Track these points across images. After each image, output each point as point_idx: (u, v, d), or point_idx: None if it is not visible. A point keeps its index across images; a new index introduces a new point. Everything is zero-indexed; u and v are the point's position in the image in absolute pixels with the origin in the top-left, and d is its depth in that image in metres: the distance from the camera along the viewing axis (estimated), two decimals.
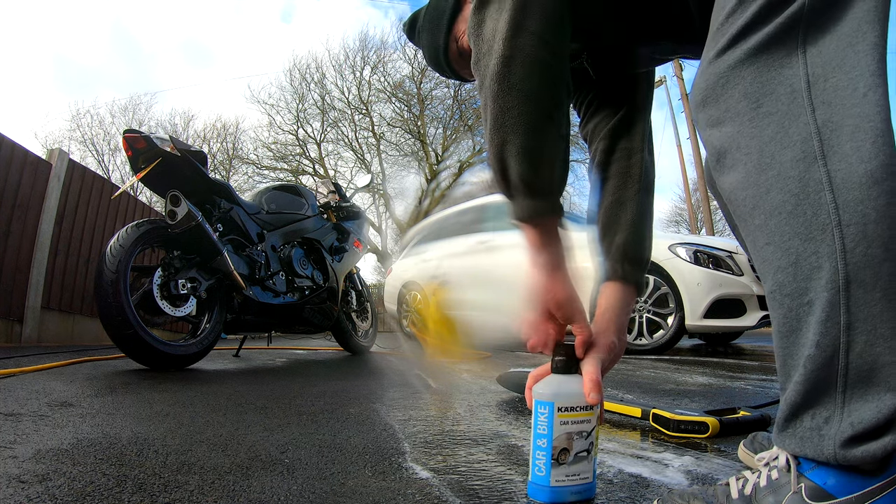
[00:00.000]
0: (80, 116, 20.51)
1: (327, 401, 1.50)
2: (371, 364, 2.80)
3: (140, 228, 2.14)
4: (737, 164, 0.56)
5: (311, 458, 0.91)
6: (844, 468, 0.52)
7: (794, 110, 0.53)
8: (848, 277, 0.49)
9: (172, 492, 0.72)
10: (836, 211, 0.50)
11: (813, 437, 0.53)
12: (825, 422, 0.52)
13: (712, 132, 0.59)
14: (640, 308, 3.51)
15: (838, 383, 0.51)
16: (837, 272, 0.50)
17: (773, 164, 0.53)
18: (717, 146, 0.59)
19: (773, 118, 0.54)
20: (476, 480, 0.80)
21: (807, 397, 0.53)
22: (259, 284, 2.58)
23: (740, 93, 0.56)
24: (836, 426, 0.51)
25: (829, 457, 0.51)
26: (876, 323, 0.49)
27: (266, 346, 3.91)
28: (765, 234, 0.54)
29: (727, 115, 0.57)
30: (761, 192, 0.54)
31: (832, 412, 0.52)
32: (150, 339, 2.03)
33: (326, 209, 3.37)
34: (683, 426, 1.09)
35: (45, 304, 4.37)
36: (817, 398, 0.52)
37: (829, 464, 0.52)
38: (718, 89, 0.57)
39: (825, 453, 0.51)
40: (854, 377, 0.50)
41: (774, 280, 0.54)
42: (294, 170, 18.04)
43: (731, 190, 0.58)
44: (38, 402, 1.35)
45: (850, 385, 0.50)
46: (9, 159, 3.96)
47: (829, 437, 0.51)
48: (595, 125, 0.97)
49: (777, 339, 0.56)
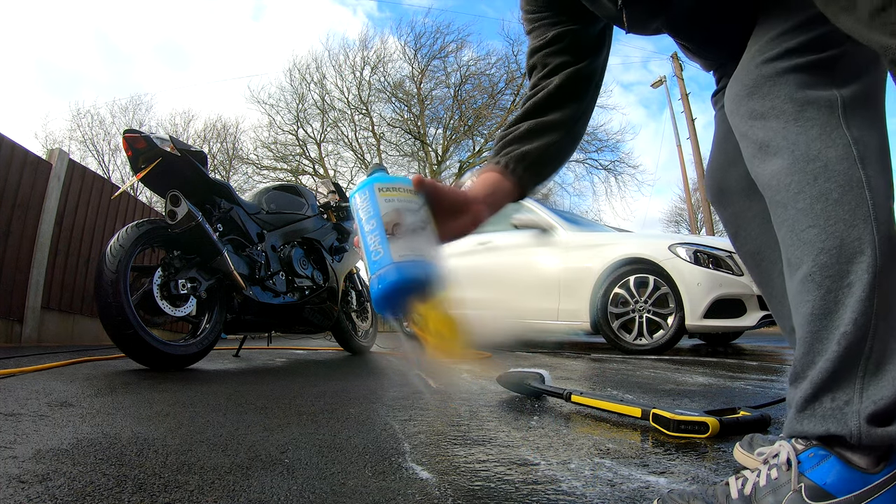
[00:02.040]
0: (81, 116, 20.51)
1: (327, 401, 1.50)
2: (371, 364, 2.80)
3: (140, 228, 2.14)
4: (782, 151, 0.62)
5: (311, 458, 0.91)
6: (845, 462, 0.54)
7: (832, 122, 0.60)
8: (882, 268, 0.55)
9: (172, 492, 0.72)
10: (874, 209, 0.56)
11: (836, 415, 0.55)
12: (846, 403, 0.55)
13: (755, 123, 0.65)
14: (640, 308, 3.51)
15: (860, 366, 0.55)
16: (877, 260, 0.55)
17: (820, 157, 0.59)
18: (761, 137, 0.64)
19: (815, 122, 0.61)
20: (476, 480, 0.80)
21: (833, 377, 0.56)
22: (259, 284, 2.58)
23: (786, 95, 0.62)
24: (857, 405, 0.54)
25: (854, 430, 0.53)
26: (894, 311, 0.55)
27: (266, 346, 3.91)
28: (809, 217, 0.59)
29: (773, 111, 0.63)
30: (808, 178, 0.59)
31: (851, 395, 0.55)
32: (150, 339, 2.03)
33: (326, 209, 3.37)
34: (683, 426, 1.09)
35: (45, 304, 4.37)
36: (840, 380, 0.55)
37: (850, 440, 0.54)
38: (766, 88, 0.64)
39: (849, 426, 0.54)
40: (874, 362, 0.54)
41: (815, 262, 0.58)
42: (294, 170, 18.04)
43: (773, 175, 0.63)
44: (38, 402, 1.35)
45: (870, 370, 0.54)
46: (9, 159, 3.96)
47: (853, 414, 0.54)
48: (557, 49, 0.85)
49: (808, 322, 0.58)
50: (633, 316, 3.54)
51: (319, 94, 17.98)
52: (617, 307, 3.60)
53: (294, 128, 18.10)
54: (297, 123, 18.03)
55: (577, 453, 0.96)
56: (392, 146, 18.22)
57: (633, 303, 3.54)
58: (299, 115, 18.01)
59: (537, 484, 0.79)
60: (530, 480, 0.81)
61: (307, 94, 18.01)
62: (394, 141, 18.22)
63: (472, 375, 2.17)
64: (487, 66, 17.36)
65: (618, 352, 3.57)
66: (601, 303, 3.66)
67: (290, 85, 18.19)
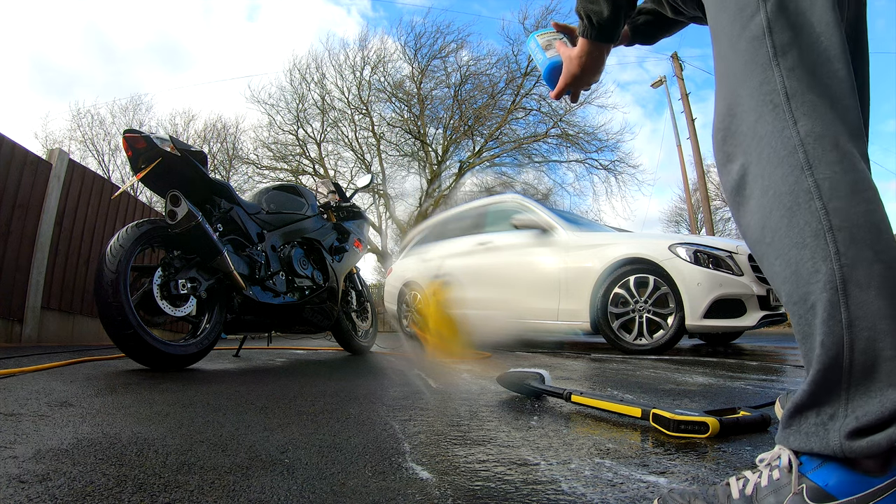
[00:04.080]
0: (81, 116, 20.47)
1: (327, 401, 1.50)
2: (371, 364, 2.80)
3: (140, 228, 2.14)
4: (751, 196, 0.60)
5: (311, 458, 0.91)
6: (847, 466, 0.52)
7: (778, 126, 0.57)
8: (844, 277, 0.52)
9: (172, 492, 0.72)
10: (827, 216, 0.53)
11: (818, 432, 0.53)
12: (830, 418, 0.53)
13: (729, 167, 0.63)
14: (640, 308, 3.51)
15: (843, 381, 0.52)
16: (834, 273, 0.52)
17: (771, 185, 0.57)
18: (735, 180, 0.62)
19: (766, 139, 0.58)
20: (476, 480, 0.80)
21: (813, 398, 0.54)
22: (259, 284, 2.58)
23: (747, 126, 0.60)
24: (841, 421, 0.52)
25: (835, 449, 0.52)
26: (875, 320, 0.51)
27: (266, 346, 3.91)
28: (773, 251, 0.57)
29: (737, 148, 0.61)
30: (765, 214, 0.58)
31: (836, 409, 0.53)
32: (150, 339, 2.03)
33: (326, 209, 3.37)
34: (683, 426, 1.09)
35: (45, 304, 4.37)
36: (823, 397, 0.53)
37: (834, 457, 0.52)
38: (732, 126, 0.62)
39: (831, 445, 0.52)
40: (858, 374, 0.51)
41: (784, 292, 0.57)
42: (294, 170, 18.02)
43: (746, 226, 0.61)
44: (38, 402, 1.35)
45: (855, 383, 0.52)
46: (9, 159, 3.96)
47: (835, 431, 0.52)
48: None
49: (800, 348, 0.58)
50: (633, 316, 3.54)
51: (319, 93, 17.96)
52: (617, 307, 3.60)
53: (294, 128, 18.08)
54: (297, 123, 18.01)
55: (577, 453, 0.96)
56: (392, 146, 18.21)
57: (633, 303, 3.54)
58: (299, 115, 17.99)
59: (537, 484, 0.79)
60: (530, 480, 0.81)
61: (307, 93, 18.00)
62: (394, 141, 18.21)
63: (472, 375, 2.17)
64: (487, 66, 17.38)
65: (618, 352, 3.57)
66: (601, 303, 3.66)
67: (290, 85, 18.18)
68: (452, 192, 17.12)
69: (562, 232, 4.18)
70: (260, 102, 21.56)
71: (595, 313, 3.72)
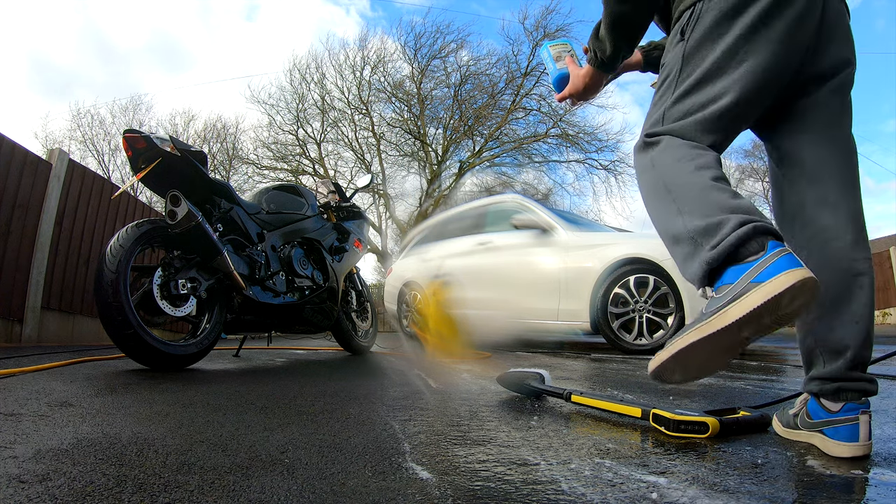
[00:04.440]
0: (81, 117, 20.40)
1: (327, 401, 1.50)
2: (371, 364, 2.80)
3: (140, 228, 2.14)
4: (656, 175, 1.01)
5: (311, 458, 0.91)
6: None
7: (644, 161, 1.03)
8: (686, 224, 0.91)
9: (172, 492, 0.72)
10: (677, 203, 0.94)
11: (696, 253, 0.87)
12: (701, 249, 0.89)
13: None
14: (640, 308, 3.51)
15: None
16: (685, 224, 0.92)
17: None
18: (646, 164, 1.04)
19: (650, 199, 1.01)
20: (476, 480, 0.80)
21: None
22: (259, 284, 2.58)
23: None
24: (707, 252, 0.85)
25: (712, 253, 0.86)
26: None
27: (266, 346, 3.91)
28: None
29: None
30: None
31: (701, 251, 0.88)
32: (150, 339, 2.03)
33: (326, 209, 3.37)
34: (683, 426, 1.09)
35: (45, 304, 4.37)
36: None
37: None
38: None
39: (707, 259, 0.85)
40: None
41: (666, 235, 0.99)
42: (294, 170, 18.01)
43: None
44: (38, 402, 1.35)
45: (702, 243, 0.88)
46: (9, 159, 3.97)
47: (703, 256, 0.86)
48: None
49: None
50: (633, 316, 3.54)
51: (319, 93, 17.94)
52: (617, 307, 3.60)
53: (294, 128, 18.07)
54: (297, 123, 18.00)
55: (577, 453, 0.96)
56: (392, 146, 18.20)
57: (633, 303, 3.54)
58: (299, 115, 17.97)
59: (537, 484, 0.79)
60: (530, 480, 0.81)
61: (307, 93, 17.99)
62: (394, 141, 18.20)
63: (472, 375, 2.17)
64: (487, 66, 17.37)
65: (618, 352, 3.57)
66: (601, 303, 3.66)
67: (290, 85, 18.11)
68: (452, 192, 17.12)
69: (562, 232, 4.18)
70: (260, 102, 21.48)
71: (595, 313, 3.71)
